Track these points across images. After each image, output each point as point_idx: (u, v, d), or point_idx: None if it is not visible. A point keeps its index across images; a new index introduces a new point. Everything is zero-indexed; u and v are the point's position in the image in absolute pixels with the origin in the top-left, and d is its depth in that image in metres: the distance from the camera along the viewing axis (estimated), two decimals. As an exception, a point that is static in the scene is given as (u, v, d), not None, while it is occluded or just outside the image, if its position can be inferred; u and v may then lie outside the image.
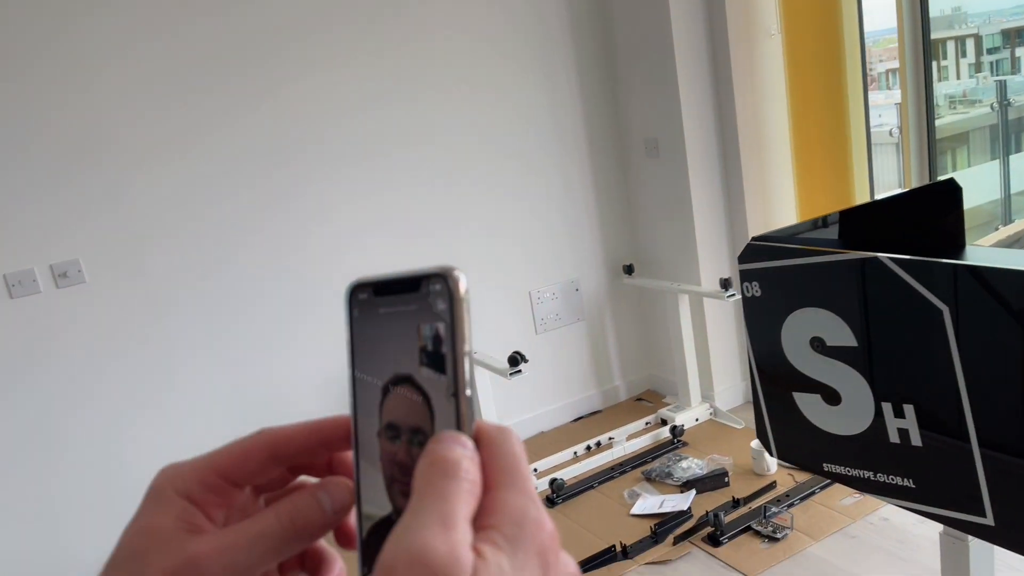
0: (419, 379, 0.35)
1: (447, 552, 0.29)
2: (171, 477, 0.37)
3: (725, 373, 3.55)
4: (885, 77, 3.55)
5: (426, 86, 3.15)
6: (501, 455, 0.33)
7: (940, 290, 0.97)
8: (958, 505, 1.02)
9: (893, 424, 1.06)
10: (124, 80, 2.67)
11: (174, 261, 2.81)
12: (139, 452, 2.81)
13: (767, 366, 1.23)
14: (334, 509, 0.37)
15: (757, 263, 1.19)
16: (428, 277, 0.35)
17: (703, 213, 3.33)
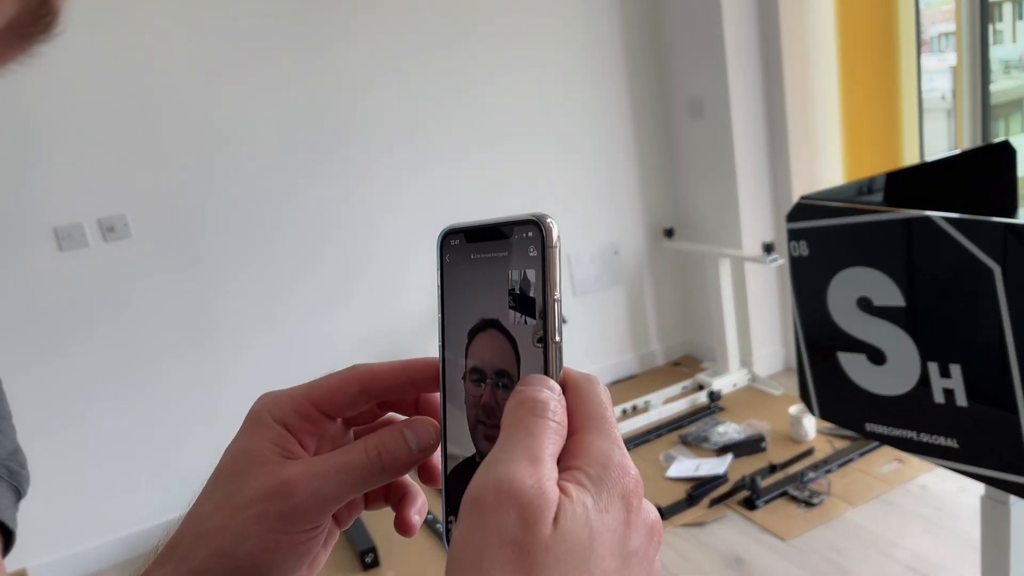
0: (507, 324, 0.36)
1: (534, 485, 0.30)
2: (269, 404, 0.40)
3: (765, 339, 3.53)
4: (938, 41, 3.43)
5: (470, 51, 3.14)
6: (588, 401, 0.34)
7: (991, 249, 0.96)
8: (1002, 465, 1.02)
9: (939, 384, 1.06)
10: (178, 48, 2.71)
11: (219, 219, 2.87)
12: (180, 407, 2.91)
13: (812, 326, 1.24)
14: (419, 447, 0.39)
15: (805, 222, 1.18)
16: (520, 224, 0.36)
17: (746, 176, 3.29)
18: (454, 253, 0.39)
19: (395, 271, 3.17)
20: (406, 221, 3.15)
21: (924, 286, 1.06)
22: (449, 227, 0.39)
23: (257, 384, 3.00)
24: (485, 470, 0.31)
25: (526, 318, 0.35)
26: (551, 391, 0.34)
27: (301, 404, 0.40)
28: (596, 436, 0.33)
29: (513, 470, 0.30)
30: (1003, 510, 1.41)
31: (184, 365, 2.89)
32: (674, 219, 3.66)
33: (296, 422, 0.39)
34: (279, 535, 0.36)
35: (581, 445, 0.33)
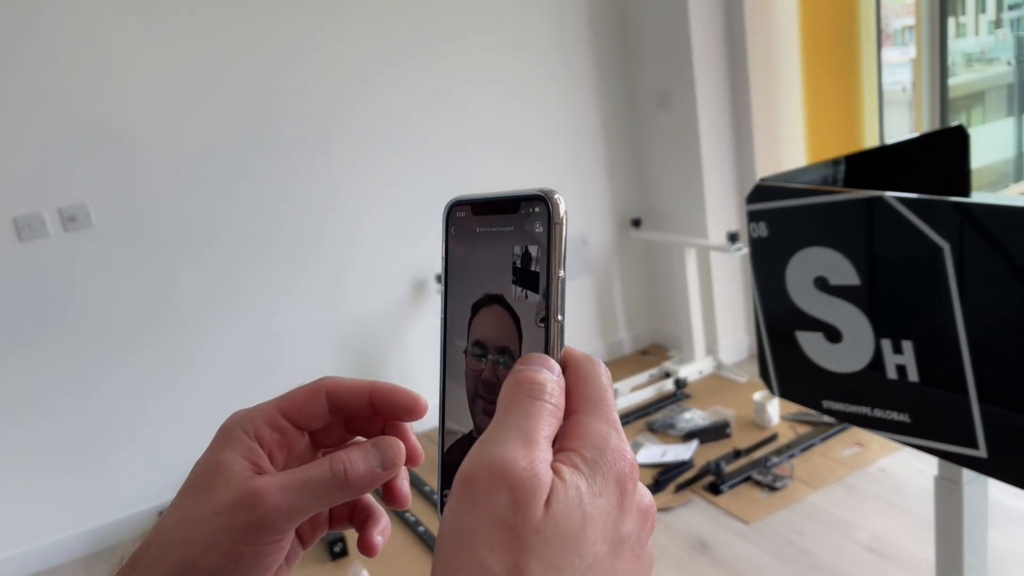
0: (510, 300, 0.35)
1: (527, 467, 0.29)
2: (241, 418, 0.40)
3: (730, 327, 3.58)
4: (901, 34, 3.50)
5: (439, 49, 3.13)
6: (587, 382, 0.34)
7: (941, 228, 0.99)
8: (952, 438, 1.06)
9: (892, 360, 1.09)
10: (141, 39, 2.66)
11: (182, 208, 2.83)
12: (140, 399, 2.87)
13: (771, 306, 1.26)
14: (384, 465, 0.39)
15: (764, 203, 1.21)
16: (527, 199, 0.35)
17: (712, 167, 3.33)
18: (459, 225, 0.38)
19: (360, 263, 3.15)
20: (374, 214, 3.13)
21: (878, 265, 1.08)
22: (456, 198, 0.38)
23: (219, 376, 2.98)
24: (478, 449, 0.31)
25: (528, 294, 0.35)
26: (550, 371, 0.33)
27: (272, 416, 0.40)
28: (594, 418, 0.33)
29: (507, 451, 0.30)
30: (955, 489, 1.45)
31: (145, 356, 2.85)
32: (641, 210, 3.69)
33: (268, 434, 0.40)
34: (243, 547, 0.37)
35: (578, 427, 0.32)
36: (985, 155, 3.35)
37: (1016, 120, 3.44)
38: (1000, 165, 3.47)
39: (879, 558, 2.28)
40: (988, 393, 1.02)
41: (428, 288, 3.28)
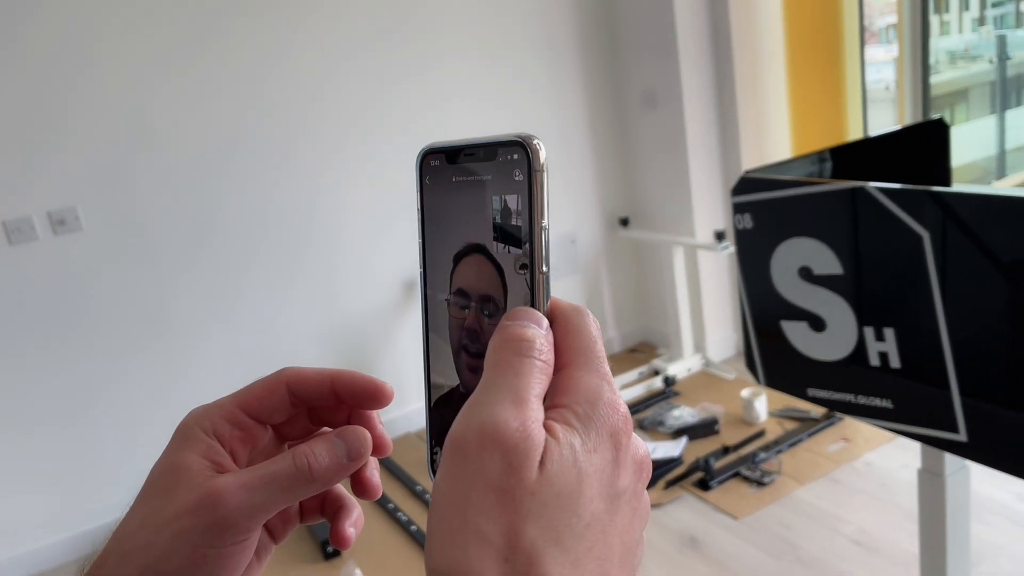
0: (492, 251, 0.34)
1: (518, 428, 0.28)
2: (198, 416, 0.39)
3: (718, 324, 3.61)
4: (885, 32, 3.53)
5: (423, 45, 3.14)
6: (576, 335, 0.33)
7: (920, 217, 1.01)
8: (933, 423, 1.08)
9: (874, 348, 1.11)
10: (127, 40, 2.66)
11: (172, 210, 2.83)
12: (131, 403, 2.86)
13: (757, 296, 1.28)
14: (349, 456, 0.38)
15: (749, 195, 1.23)
16: (505, 145, 0.33)
17: (699, 166, 3.36)
18: (434, 175, 0.36)
19: (351, 265, 3.16)
20: (362, 215, 3.14)
21: (861, 254, 1.11)
22: (429, 146, 0.37)
23: (211, 379, 2.97)
24: (468, 412, 0.30)
25: (510, 247, 0.33)
26: (538, 326, 0.32)
27: (231, 412, 0.39)
28: (585, 372, 0.32)
29: (497, 412, 0.29)
30: (938, 481, 1.48)
31: (136, 360, 2.84)
32: (629, 209, 3.71)
33: (227, 431, 0.39)
34: (206, 549, 0.35)
35: (569, 381, 0.31)
36: (968, 152, 3.39)
37: (998, 117, 3.49)
38: (983, 162, 3.52)
39: (865, 551, 2.31)
40: (968, 381, 1.04)
41: (417, 287, 3.28)
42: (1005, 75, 3.40)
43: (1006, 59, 3.34)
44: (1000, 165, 3.45)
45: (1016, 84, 3.46)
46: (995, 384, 1.03)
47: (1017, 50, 3.33)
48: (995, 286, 1.00)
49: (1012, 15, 3.33)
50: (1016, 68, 3.40)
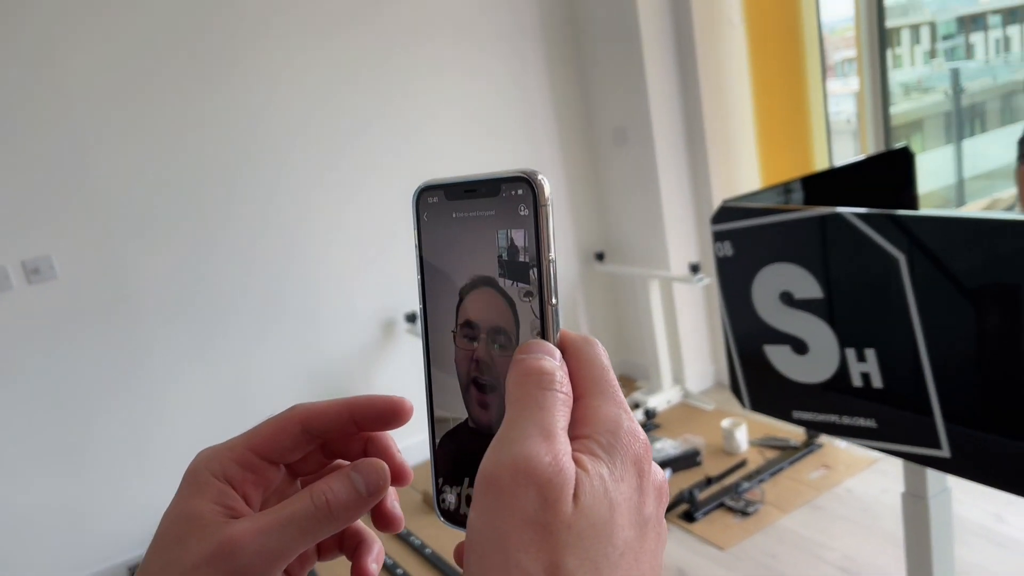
0: (501, 284, 0.34)
1: (551, 462, 0.29)
2: (207, 459, 0.37)
3: (695, 356, 3.64)
4: (841, 66, 3.66)
5: (397, 84, 3.18)
6: (589, 365, 0.33)
7: (896, 241, 1.04)
8: (917, 440, 1.10)
9: (856, 368, 1.13)
10: (102, 86, 2.66)
11: (147, 256, 2.81)
12: (110, 453, 2.80)
13: (739, 322, 1.31)
14: (368, 490, 0.37)
15: (728, 224, 1.26)
16: (509, 181, 0.34)
17: (671, 200, 3.42)
18: (432, 211, 0.37)
19: (330, 308, 3.15)
20: (340, 259, 3.14)
21: (839, 278, 1.14)
22: (426, 183, 0.37)
23: (191, 429, 2.92)
24: (498, 449, 0.30)
25: (519, 280, 0.34)
26: (552, 358, 0.33)
27: (241, 454, 0.37)
28: (602, 401, 0.32)
29: (528, 447, 0.29)
30: (921, 503, 1.50)
31: (113, 410, 2.79)
32: (604, 243, 3.75)
33: (238, 474, 0.37)
34: None
35: (589, 412, 0.32)
36: (927, 181, 3.50)
37: (955, 147, 3.61)
38: (942, 191, 3.63)
39: (852, 576, 2.32)
40: (948, 399, 1.06)
41: (397, 327, 3.28)
42: (960, 106, 3.53)
43: (960, 91, 3.48)
44: (959, 193, 3.56)
45: (970, 114, 3.59)
46: (969, 405, 1.06)
47: (969, 81, 3.47)
48: (962, 311, 1.04)
49: (962, 47, 3.47)
50: (970, 98, 3.53)
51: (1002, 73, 3.39)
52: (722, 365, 3.65)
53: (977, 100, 3.60)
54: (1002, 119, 3.71)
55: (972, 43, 3.44)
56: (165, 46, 2.76)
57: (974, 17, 3.37)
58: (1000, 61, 3.41)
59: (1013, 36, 3.36)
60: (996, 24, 3.34)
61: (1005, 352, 1.02)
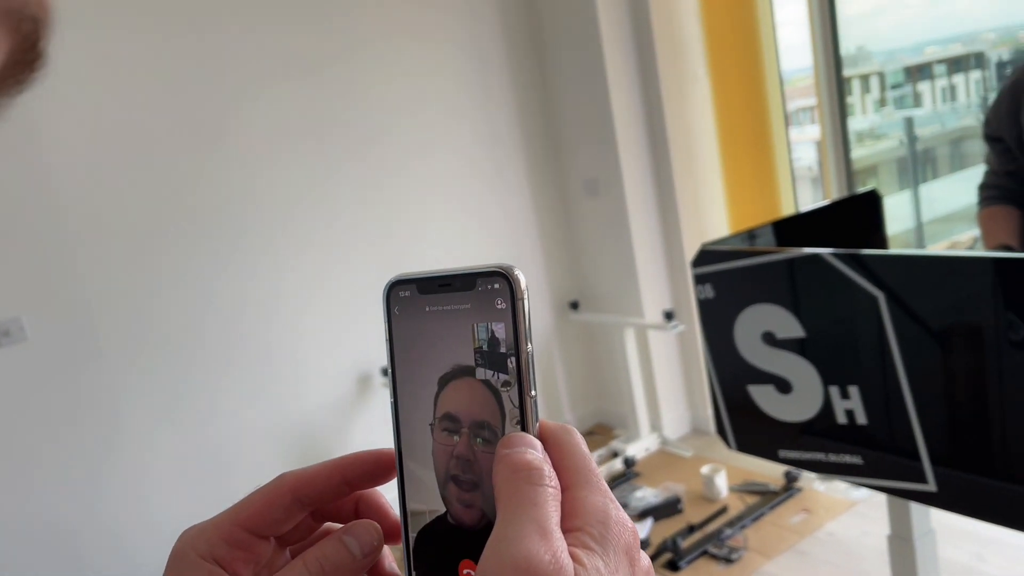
0: (481, 375, 0.35)
1: (551, 560, 0.29)
2: (192, 539, 0.36)
3: (672, 403, 3.65)
4: (796, 115, 3.79)
5: (372, 136, 3.22)
6: (571, 455, 0.33)
7: (874, 279, 1.07)
8: (902, 475, 1.11)
9: (840, 406, 1.15)
10: (68, 138, 2.65)
11: (119, 314, 2.76)
12: (85, 516, 2.70)
13: (722, 363, 1.32)
14: (363, 552, 0.36)
15: (709, 267, 1.28)
16: (485, 275, 0.34)
17: (643, 249, 3.47)
18: (404, 305, 0.37)
19: (306, 363, 3.11)
20: (316, 313, 3.12)
21: (820, 317, 1.16)
22: (397, 277, 0.37)
23: (166, 490, 2.83)
24: (496, 550, 0.30)
25: (498, 373, 0.34)
26: (536, 451, 0.33)
27: (229, 531, 0.36)
28: (589, 492, 0.32)
29: (526, 546, 0.29)
30: (907, 545, 1.51)
31: (85, 472, 2.70)
32: (578, 292, 3.78)
33: (227, 553, 0.36)
34: None
35: (577, 504, 0.32)
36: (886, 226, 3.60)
37: (913, 192, 3.73)
38: (901, 235, 3.73)
39: (839, 620, 2.30)
40: (932, 437, 1.08)
41: (374, 381, 3.25)
42: (915, 152, 3.66)
43: (915, 139, 3.62)
44: (919, 237, 3.66)
45: (922, 160, 3.73)
46: (948, 442, 1.08)
47: (919, 128, 3.62)
48: (936, 355, 1.06)
49: (910, 96, 3.62)
50: (921, 144, 3.67)
51: (950, 120, 3.54)
52: (698, 411, 3.67)
53: (928, 146, 3.74)
54: (952, 165, 3.86)
55: (920, 91, 3.59)
56: (142, 108, 2.77)
57: (920, 67, 3.52)
58: (947, 109, 3.56)
59: (958, 84, 3.51)
60: (942, 73, 3.50)
61: (972, 392, 1.05)
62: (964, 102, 3.49)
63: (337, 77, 3.13)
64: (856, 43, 3.28)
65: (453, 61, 3.41)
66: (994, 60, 3.28)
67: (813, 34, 3.15)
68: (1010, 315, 1.01)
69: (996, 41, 3.26)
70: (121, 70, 2.74)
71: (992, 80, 3.31)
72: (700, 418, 3.66)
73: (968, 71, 3.43)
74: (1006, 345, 1.01)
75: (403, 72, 3.28)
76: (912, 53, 3.52)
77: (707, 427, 3.64)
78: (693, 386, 3.65)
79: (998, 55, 3.26)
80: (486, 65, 3.49)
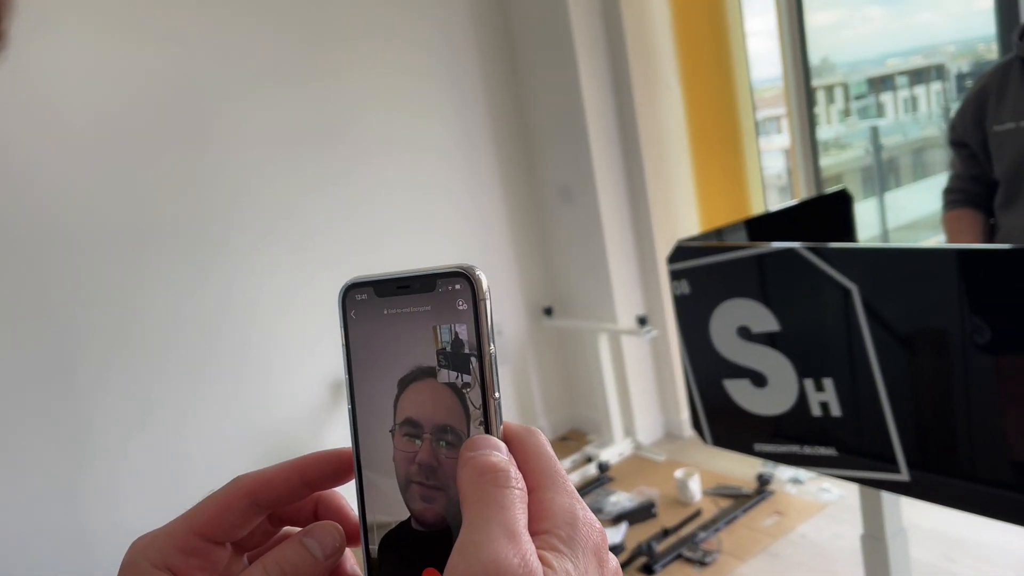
0: (444, 377, 0.34)
1: (520, 563, 0.28)
2: (144, 548, 0.34)
3: (645, 408, 3.66)
4: (763, 124, 3.86)
5: (345, 143, 3.21)
6: (536, 457, 0.33)
7: (848, 271, 1.09)
8: (875, 466, 1.13)
9: (815, 398, 1.16)
10: (44, 141, 2.61)
11: (87, 318, 2.71)
12: (54, 525, 2.64)
13: (698, 359, 1.33)
14: (325, 554, 0.35)
15: (684, 263, 1.30)
16: (445, 276, 0.34)
17: (616, 255, 3.49)
18: (361, 309, 0.36)
19: (276, 370, 3.08)
20: (287, 320, 3.09)
21: (794, 310, 1.18)
22: (352, 280, 0.36)
23: (134, 496, 2.77)
24: (464, 555, 0.29)
25: (461, 375, 0.33)
26: (501, 453, 0.32)
27: (183, 538, 0.34)
28: (555, 493, 0.32)
29: (495, 550, 0.29)
30: (880, 545, 1.53)
31: (59, 478, 2.63)
32: (552, 298, 3.79)
33: (181, 561, 0.34)
34: None
35: (543, 505, 0.31)
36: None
37: (879, 200, 3.81)
38: (869, 242, 3.81)
39: (812, 620, 2.32)
40: (905, 427, 1.10)
41: (344, 390, 3.21)
42: (881, 161, 3.74)
43: (880, 147, 3.69)
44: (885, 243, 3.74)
45: (886, 168, 3.81)
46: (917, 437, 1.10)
47: (883, 138, 3.70)
48: (902, 360, 1.08)
49: (873, 107, 3.70)
50: (885, 154, 3.75)
51: (912, 130, 3.62)
52: (671, 416, 3.69)
53: (891, 156, 3.82)
54: (915, 174, 3.95)
55: (883, 102, 3.67)
56: (116, 103, 2.73)
57: (883, 78, 3.60)
58: (909, 119, 3.64)
59: (919, 96, 3.60)
60: (904, 84, 3.58)
61: (934, 394, 1.07)
62: (925, 112, 3.58)
63: (308, 80, 3.12)
64: (820, 55, 3.35)
65: (426, 66, 3.41)
66: (954, 72, 3.37)
67: (783, 44, 3.21)
68: (975, 319, 1.04)
69: (956, 54, 3.35)
70: (96, 73, 2.70)
71: (952, 91, 3.40)
72: (673, 423, 3.68)
73: (929, 83, 3.51)
74: (971, 347, 1.04)
75: (374, 75, 3.28)
76: (875, 65, 3.60)
77: (680, 432, 3.66)
78: (666, 391, 3.67)
79: (958, 67, 3.34)
80: (459, 71, 3.50)
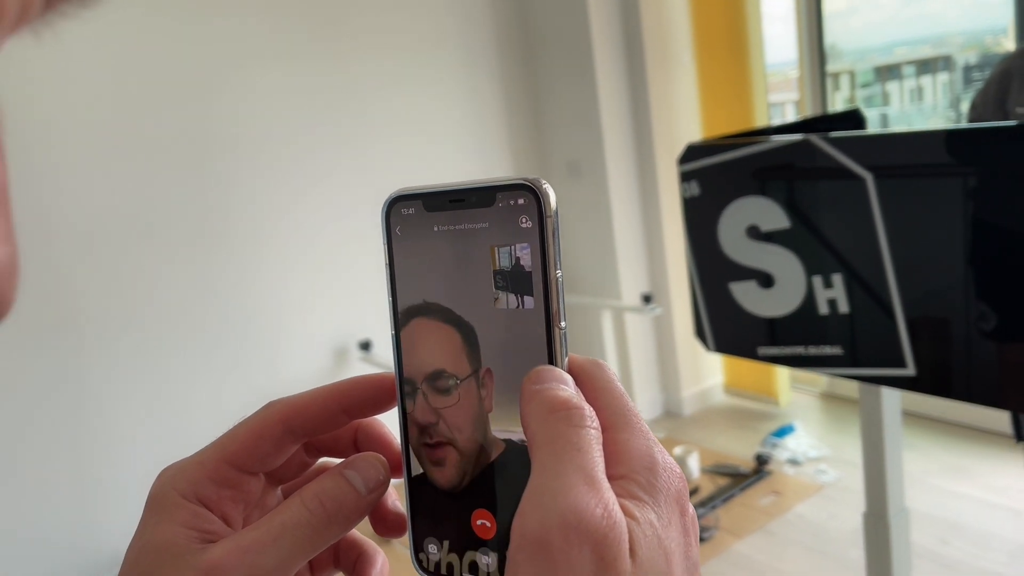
0: (499, 308, 0.30)
1: (603, 514, 0.25)
2: (172, 478, 0.32)
3: (645, 386, 3.64)
4: (772, 109, 3.84)
5: (354, 120, 3.19)
6: (607, 393, 0.30)
7: (863, 160, 1.08)
8: (882, 362, 1.11)
9: (823, 295, 1.14)
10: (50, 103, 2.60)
11: (93, 278, 2.69)
12: (57, 505, 2.62)
13: (704, 262, 1.32)
14: (368, 488, 0.32)
15: (695, 162, 1.28)
16: (507, 188, 0.30)
17: (623, 231, 3.47)
18: (407, 224, 0.32)
19: (281, 334, 3.05)
20: (292, 284, 3.07)
21: (808, 205, 1.16)
22: (399, 192, 0.33)
23: (141, 461, 2.75)
24: (538, 503, 0.26)
25: (522, 301, 0.30)
26: (570, 387, 0.29)
27: (214, 468, 0.32)
28: (630, 434, 0.29)
29: (576, 499, 0.26)
30: (883, 523, 1.50)
31: (66, 441, 2.62)
32: (556, 276, 3.77)
33: (212, 491, 0.32)
34: None
35: (619, 448, 0.28)
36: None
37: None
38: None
39: (805, 593, 2.29)
40: (914, 312, 1.08)
41: (350, 356, 3.19)
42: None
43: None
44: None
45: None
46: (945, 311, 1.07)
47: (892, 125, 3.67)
48: (953, 211, 1.03)
49: (879, 96, 3.68)
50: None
51: (917, 121, 3.59)
52: (671, 394, 3.66)
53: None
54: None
55: (888, 91, 3.65)
56: (121, 66, 2.72)
57: (890, 67, 3.58)
58: (914, 109, 3.62)
59: (926, 86, 3.58)
60: (910, 74, 3.56)
61: (943, 283, 1.05)
62: (931, 103, 3.55)
63: (320, 57, 3.10)
64: (829, 41, 3.34)
65: (440, 42, 3.41)
66: (961, 63, 3.35)
67: (799, 28, 3.20)
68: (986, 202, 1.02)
69: (964, 45, 3.33)
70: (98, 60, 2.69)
71: (959, 83, 3.37)
72: (673, 400, 3.66)
73: (936, 73, 3.49)
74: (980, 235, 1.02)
75: (389, 50, 3.27)
76: (882, 53, 3.59)
77: (680, 410, 3.64)
78: (667, 369, 3.65)
79: (965, 59, 3.32)
80: (473, 42, 3.49)
